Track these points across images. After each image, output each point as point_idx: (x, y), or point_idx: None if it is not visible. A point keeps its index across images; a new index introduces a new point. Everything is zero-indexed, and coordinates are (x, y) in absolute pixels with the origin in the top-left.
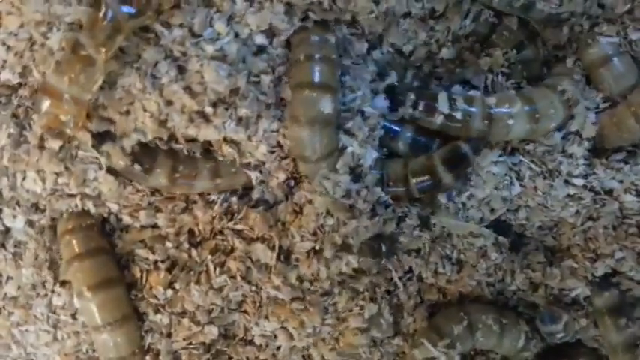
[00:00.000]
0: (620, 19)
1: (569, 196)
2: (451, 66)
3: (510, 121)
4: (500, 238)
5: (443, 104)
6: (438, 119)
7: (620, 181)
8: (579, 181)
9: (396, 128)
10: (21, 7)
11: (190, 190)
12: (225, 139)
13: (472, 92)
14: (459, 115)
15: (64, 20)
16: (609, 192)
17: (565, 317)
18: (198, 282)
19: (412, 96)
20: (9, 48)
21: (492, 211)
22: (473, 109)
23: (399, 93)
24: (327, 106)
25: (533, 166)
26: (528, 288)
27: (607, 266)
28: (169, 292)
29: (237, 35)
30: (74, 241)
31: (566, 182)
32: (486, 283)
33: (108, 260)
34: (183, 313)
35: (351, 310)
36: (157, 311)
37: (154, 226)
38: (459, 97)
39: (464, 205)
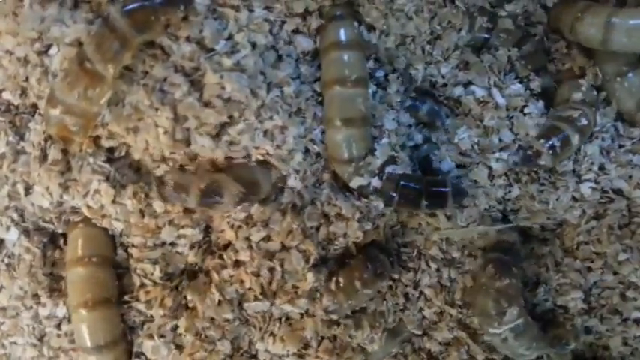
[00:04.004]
0: None
1: (574, 199)
2: (454, 70)
3: None
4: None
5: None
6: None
7: (630, 177)
8: (589, 184)
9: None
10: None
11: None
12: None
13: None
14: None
15: (63, 42)
16: (618, 191)
17: None
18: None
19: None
20: (6, 69)
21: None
22: None
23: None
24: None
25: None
26: (532, 285)
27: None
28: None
29: (253, 47)
30: (80, 241)
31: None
32: None
33: (110, 275)
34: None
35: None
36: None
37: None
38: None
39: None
